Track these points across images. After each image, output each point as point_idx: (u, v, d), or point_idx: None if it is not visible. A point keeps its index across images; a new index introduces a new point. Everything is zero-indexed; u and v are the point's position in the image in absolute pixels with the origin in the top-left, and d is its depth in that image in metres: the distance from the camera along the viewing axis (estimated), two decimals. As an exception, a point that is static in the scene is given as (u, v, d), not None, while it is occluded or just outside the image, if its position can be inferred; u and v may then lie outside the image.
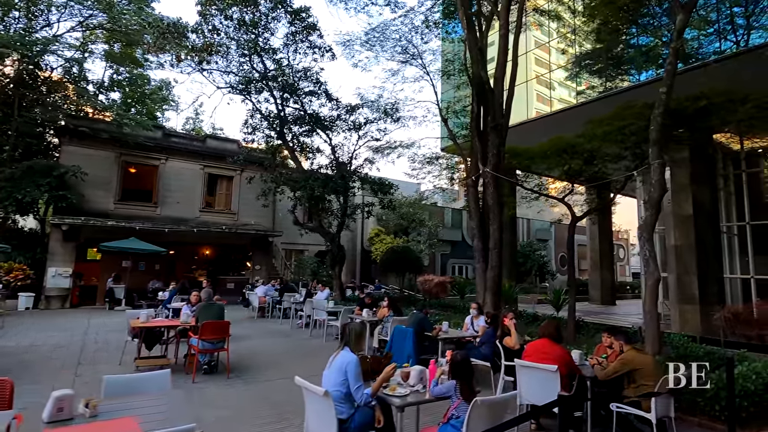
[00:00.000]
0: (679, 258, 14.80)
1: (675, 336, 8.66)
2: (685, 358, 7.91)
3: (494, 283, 8.80)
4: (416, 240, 27.08)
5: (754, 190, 17.59)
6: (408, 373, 3.54)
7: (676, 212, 15.02)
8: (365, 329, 3.46)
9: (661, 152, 6.84)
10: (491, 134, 8.91)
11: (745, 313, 10.65)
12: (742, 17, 12.55)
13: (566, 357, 4.31)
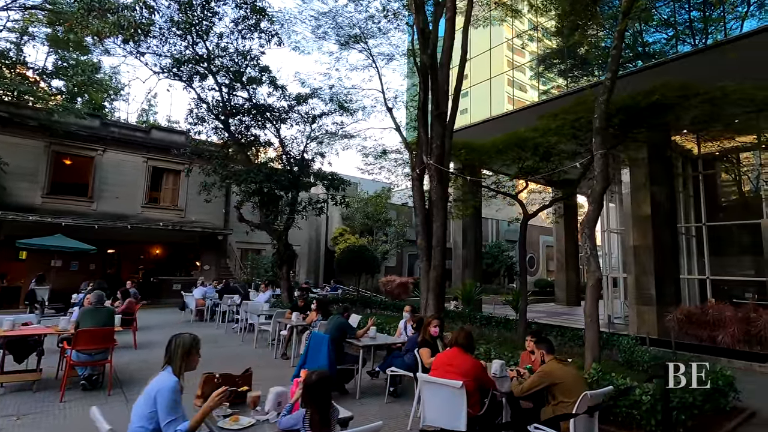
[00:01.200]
0: (638, 258, 14.62)
1: (623, 339, 8.24)
2: (630, 363, 7.49)
3: (436, 284, 8.16)
4: (382, 240, 26.41)
5: (710, 193, 17.73)
6: (257, 397, 2.81)
7: (635, 213, 14.84)
8: (197, 343, 2.69)
9: (604, 142, 6.34)
10: (434, 123, 8.28)
11: (697, 314, 10.39)
12: (699, 22, 12.41)
13: (476, 370, 3.66)
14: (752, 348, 9.81)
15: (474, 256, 21.71)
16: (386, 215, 25.86)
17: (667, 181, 14.78)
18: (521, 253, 10.50)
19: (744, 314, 9.82)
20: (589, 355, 5.79)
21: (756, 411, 5.85)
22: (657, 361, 6.73)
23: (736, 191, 17.57)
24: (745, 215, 16.04)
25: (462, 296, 17.46)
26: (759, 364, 8.15)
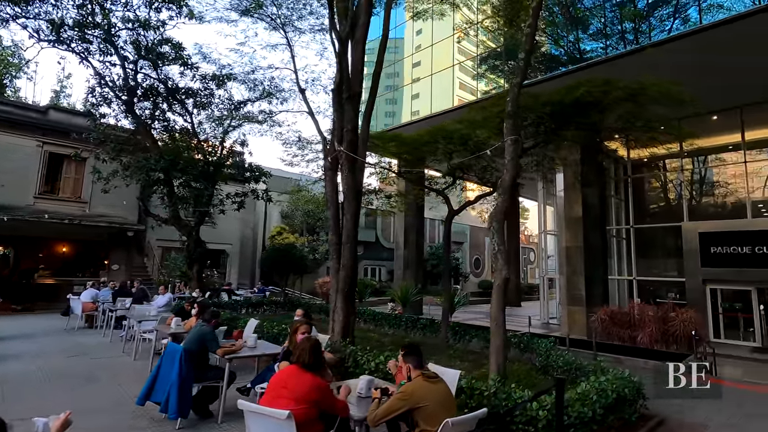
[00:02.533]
0: (569, 259, 14.66)
1: (542, 342, 7.82)
2: (546, 368, 7.05)
3: (346, 284, 7.33)
4: (324, 239, 25.35)
5: (638, 196, 18.32)
6: None
7: (567, 214, 14.89)
8: None
9: (516, 128, 5.82)
10: (346, 106, 7.47)
11: (619, 315, 10.32)
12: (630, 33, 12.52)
13: (316, 393, 2.83)
14: (669, 347, 9.83)
15: (416, 257, 21.23)
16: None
17: (598, 183, 14.96)
18: (446, 251, 9.93)
19: (662, 314, 9.81)
20: (494, 362, 5.18)
21: (664, 418, 5.50)
22: (570, 365, 6.29)
23: (662, 196, 18.22)
24: (669, 218, 16.63)
25: (399, 298, 16.85)
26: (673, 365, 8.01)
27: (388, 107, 20.90)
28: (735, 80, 12.35)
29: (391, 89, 20.38)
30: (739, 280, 13.42)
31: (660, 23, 12.35)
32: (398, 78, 20.03)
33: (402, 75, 19.89)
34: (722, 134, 15.04)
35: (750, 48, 10.79)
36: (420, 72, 18.70)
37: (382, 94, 21.18)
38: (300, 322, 4.70)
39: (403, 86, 19.56)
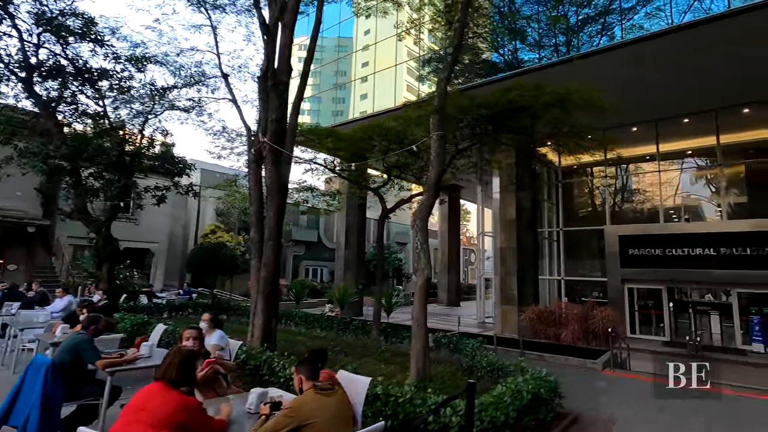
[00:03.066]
0: (503, 260, 15.08)
1: (470, 342, 7.80)
2: (472, 369, 7.00)
3: (267, 285, 6.82)
4: (263, 239, 24.29)
5: (567, 201, 19.37)
6: None
7: (502, 216, 15.31)
8: None
9: (443, 123, 5.68)
10: (271, 94, 6.98)
11: (546, 314, 10.69)
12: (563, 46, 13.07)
13: (183, 414, 2.39)
14: (589, 343, 10.29)
15: (357, 257, 20.93)
16: (267, 212, 23.77)
17: (531, 187, 15.56)
18: (379, 250, 9.68)
19: (584, 312, 10.25)
20: (414, 366, 4.97)
21: (579, 415, 5.59)
22: (493, 365, 6.26)
23: (588, 201, 19.36)
24: (594, 222, 17.70)
25: (337, 299, 16.45)
26: (591, 361, 8.38)
27: (335, 106, 20.44)
28: (650, 95, 13.36)
29: (339, 88, 19.98)
30: (652, 279, 14.52)
31: (589, 39, 13.04)
32: (346, 77, 19.66)
33: (350, 75, 19.54)
34: (641, 145, 16.21)
35: (661, 66, 11.68)
36: (368, 72, 18.47)
37: (327, 90, 20.70)
38: (186, 327, 4.12)
39: (351, 81, 19.21)
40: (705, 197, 16.40)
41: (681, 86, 12.83)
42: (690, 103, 13.92)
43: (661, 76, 12.32)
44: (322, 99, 20.87)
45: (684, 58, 11.22)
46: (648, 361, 11.14)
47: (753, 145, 15.22)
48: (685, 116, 14.78)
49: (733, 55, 10.96)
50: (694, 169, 16.66)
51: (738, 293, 13.49)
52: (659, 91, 13.13)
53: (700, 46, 10.53)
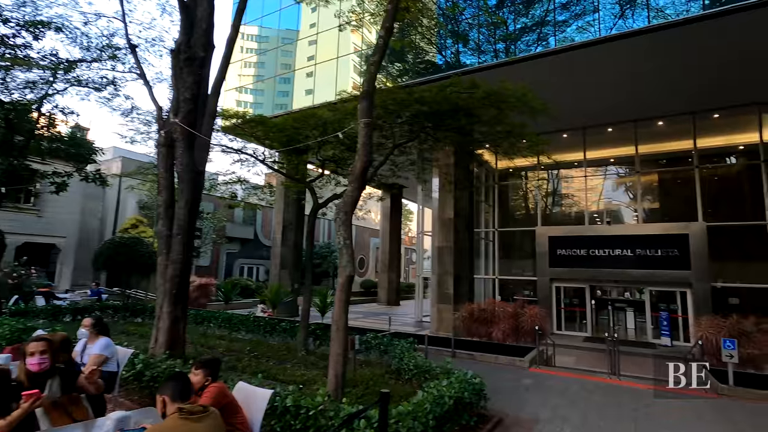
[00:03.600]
0: (440, 259, 15.13)
1: (399, 343, 7.53)
2: (400, 372, 6.72)
3: (174, 284, 6.05)
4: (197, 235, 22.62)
5: (503, 202, 20.03)
6: None
7: (440, 215, 15.37)
8: None
9: (370, 110, 5.31)
10: (184, 70, 6.21)
11: (478, 312, 10.77)
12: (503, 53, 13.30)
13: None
14: (519, 341, 10.48)
15: (294, 256, 20.11)
16: (198, 206, 22.15)
17: (469, 188, 15.79)
18: (309, 247, 9.13)
19: (513, 310, 10.42)
20: (332, 373, 4.55)
21: (503, 417, 5.49)
22: (419, 368, 6.01)
23: (522, 203, 20.13)
24: (527, 223, 18.41)
25: (269, 299, 15.60)
26: (519, 359, 8.48)
27: (280, 99, 19.51)
28: (579, 104, 14.06)
29: (283, 81, 19.13)
30: (577, 278, 15.31)
31: (527, 47, 13.41)
32: (290, 70, 18.83)
33: (293, 67, 18.74)
34: (570, 152, 17.06)
35: (588, 74, 12.30)
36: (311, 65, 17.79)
37: (267, 79, 19.66)
38: (31, 339, 3.31)
39: (294, 71, 18.39)
40: (624, 202, 17.67)
41: (604, 98, 13.63)
42: (613, 114, 14.85)
43: (586, 86, 13.01)
44: (265, 92, 19.84)
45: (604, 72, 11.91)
46: (571, 356, 11.64)
47: (665, 156, 16.62)
48: (609, 125, 15.75)
49: (638, 74, 11.85)
50: (616, 176, 17.90)
51: (650, 291, 14.60)
52: (586, 101, 13.85)
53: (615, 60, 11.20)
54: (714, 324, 7.71)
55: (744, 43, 10.14)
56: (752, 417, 5.95)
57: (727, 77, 11.91)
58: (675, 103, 13.77)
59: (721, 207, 15.40)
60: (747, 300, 14.00)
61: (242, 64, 20.58)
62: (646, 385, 7.34)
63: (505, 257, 18.55)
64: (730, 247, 14.87)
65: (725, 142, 15.65)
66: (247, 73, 20.20)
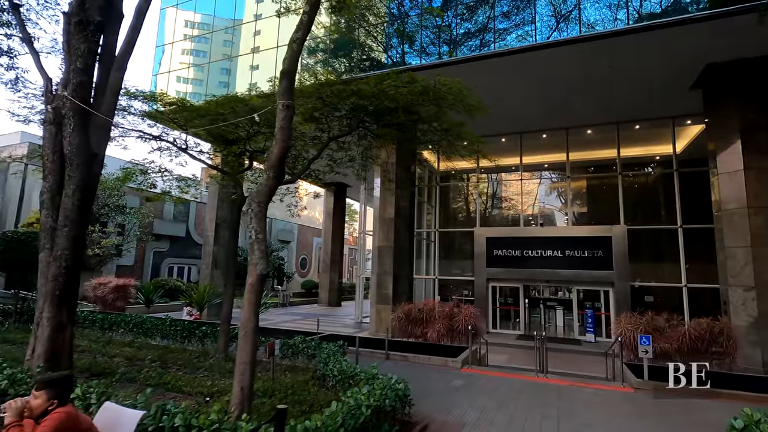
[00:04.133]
0: (380, 258, 14.87)
1: (327, 347, 7.09)
2: (324, 378, 6.28)
3: (58, 285, 5.16)
4: (113, 231, 20.58)
5: (444, 203, 20.26)
6: None
7: (381, 215, 15.12)
8: None
9: (290, 92, 4.84)
10: (76, 36, 5.34)
11: (414, 312, 10.60)
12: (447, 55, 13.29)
13: None
14: (453, 341, 10.43)
15: (228, 255, 18.85)
16: (119, 200, 20.22)
17: (411, 188, 15.69)
18: (230, 242, 8.40)
19: (448, 310, 10.36)
20: (237, 386, 4.00)
21: (429, 423, 5.24)
22: (344, 373, 5.61)
23: (463, 204, 20.47)
24: (467, 224, 18.73)
25: (196, 301, 14.45)
26: (452, 359, 8.37)
27: (222, 90, 18.27)
28: (515, 110, 14.47)
29: (224, 72, 17.96)
30: (512, 278, 15.75)
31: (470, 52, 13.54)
32: (233, 62, 17.69)
33: (236, 59, 17.66)
34: (508, 156, 17.57)
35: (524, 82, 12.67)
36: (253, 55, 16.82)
37: (203, 64, 18.32)
38: None
39: (238, 56, 17.29)
40: (556, 206, 18.53)
41: (538, 105, 14.15)
42: (547, 121, 15.47)
43: (522, 93, 13.42)
44: (206, 84, 18.50)
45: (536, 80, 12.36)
46: (505, 354, 11.85)
47: (593, 163, 17.64)
48: (543, 132, 16.39)
49: (568, 83, 12.43)
50: (549, 180, 18.74)
51: (577, 290, 15.35)
52: (521, 108, 14.30)
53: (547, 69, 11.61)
54: (632, 321, 8.08)
55: (656, 58, 10.87)
56: (661, 409, 6.22)
57: (644, 91, 12.80)
58: (601, 114, 14.60)
59: (640, 212, 16.57)
60: (660, 298, 15.16)
61: (182, 51, 19.10)
62: (570, 381, 7.49)
63: (445, 258, 18.73)
64: (646, 249, 16.05)
65: (645, 152, 16.89)
66: (186, 61, 18.74)
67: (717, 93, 11.50)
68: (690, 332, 7.54)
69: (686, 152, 15.02)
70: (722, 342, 7.52)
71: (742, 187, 10.79)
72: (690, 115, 14.20)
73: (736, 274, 10.69)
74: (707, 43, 10.17)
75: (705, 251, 14.72)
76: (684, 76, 11.74)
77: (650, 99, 13.32)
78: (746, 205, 10.67)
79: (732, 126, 11.09)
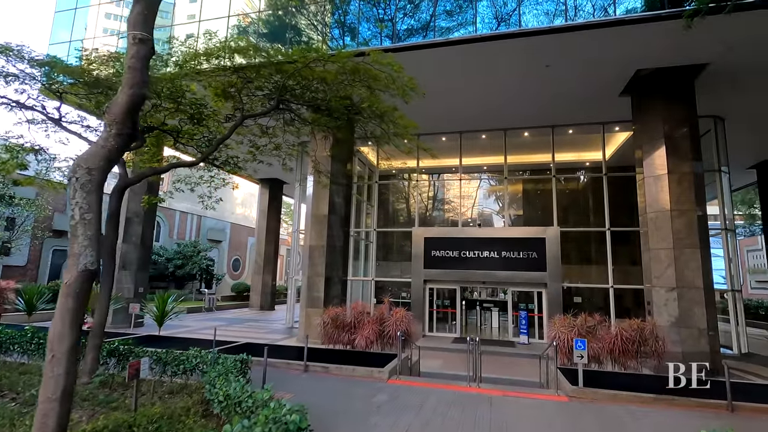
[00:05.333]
0: (312, 259, 13.73)
1: (225, 361, 5.87)
2: (209, 403, 5.08)
3: None
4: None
5: (384, 202, 19.54)
6: None
7: (314, 211, 13.99)
8: None
9: (147, 23, 3.68)
10: None
11: (341, 317, 9.61)
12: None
13: None
14: (384, 347, 9.59)
15: (141, 255, 16.71)
16: (5, 188, 17.22)
17: (347, 184, 14.71)
18: (110, 229, 6.91)
19: (379, 314, 9.50)
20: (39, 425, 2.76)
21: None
22: (229, 399, 4.46)
23: (403, 204, 19.88)
24: (406, 225, 18.13)
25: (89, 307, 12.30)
26: (378, 370, 7.48)
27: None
28: (455, 107, 14.03)
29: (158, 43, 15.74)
30: (449, 280, 15.30)
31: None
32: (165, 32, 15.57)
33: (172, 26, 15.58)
34: (448, 157, 17.21)
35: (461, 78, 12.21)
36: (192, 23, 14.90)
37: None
38: None
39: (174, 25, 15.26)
40: (494, 207, 18.52)
41: (479, 105, 13.84)
42: (485, 121, 15.23)
43: (463, 92, 12.99)
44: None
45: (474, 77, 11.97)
46: (439, 359, 11.24)
47: (529, 166, 17.81)
48: (483, 132, 16.19)
49: (503, 84, 12.23)
50: (487, 181, 18.68)
51: (512, 292, 15.24)
52: (464, 106, 13.88)
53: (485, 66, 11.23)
54: (566, 323, 7.70)
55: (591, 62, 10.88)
56: (599, 419, 5.76)
57: (578, 97, 12.93)
58: (538, 117, 14.61)
59: (572, 215, 16.95)
60: (587, 298, 15.52)
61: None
62: (503, 391, 6.90)
63: (385, 259, 17.98)
64: (576, 251, 16.41)
65: (577, 158, 17.32)
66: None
67: (644, 100, 11.78)
68: (622, 334, 7.28)
69: (614, 158, 15.51)
70: (651, 343, 7.34)
71: (666, 190, 11.04)
72: (618, 122, 14.63)
73: (659, 275, 10.90)
74: (637, 50, 10.28)
75: (630, 254, 15.28)
76: (615, 82, 11.94)
77: (583, 104, 13.49)
78: (669, 208, 10.92)
79: (657, 132, 11.36)
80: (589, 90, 12.51)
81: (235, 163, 9.67)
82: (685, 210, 10.82)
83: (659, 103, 11.46)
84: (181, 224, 28.41)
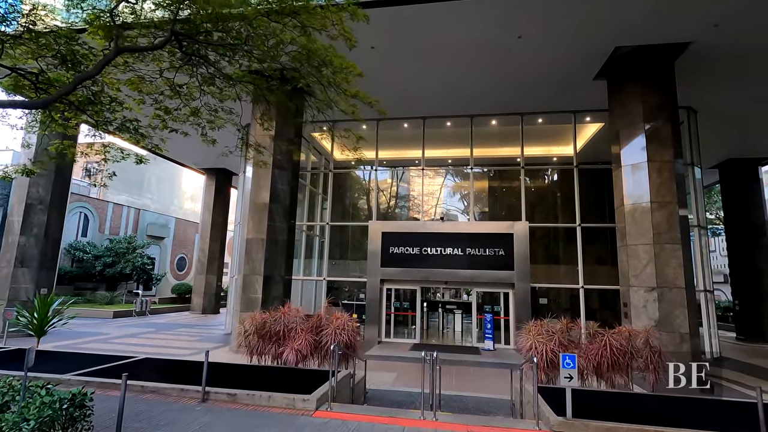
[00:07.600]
0: (249, 255, 11.69)
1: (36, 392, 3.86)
2: None
3: None
4: None
5: (338, 194, 17.68)
6: None
7: (254, 199, 11.95)
8: None
9: None
10: None
11: (269, 324, 7.68)
12: None
13: None
14: (322, 363, 7.76)
15: (46, 249, 13.99)
16: None
17: (294, 170, 12.76)
18: None
19: (315, 321, 7.66)
20: None
21: None
22: None
23: (360, 196, 18.13)
24: (363, 219, 16.38)
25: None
26: (304, 397, 5.65)
27: None
28: (418, 85, 12.42)
29: None
30: (409, 279, 13.65)
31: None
32: None
33: None
34: (411, 148, 15.63)
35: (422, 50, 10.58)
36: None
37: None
38: None
39: None
40: (458, 202, 17.11)
41: (444, 87, 12.33)
42: (450, 106, 13.74)
43: (426, 72, 11.40)
44: None
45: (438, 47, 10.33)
46: (393, 371, 9.57)
47: (497, 160, 16.50)
48: (447, 118, 14.71)
49: (471, 61, 10.70)
50: (452, 175, 17.25)
51: (477, 292, 13.81)
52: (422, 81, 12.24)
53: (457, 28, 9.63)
54: (543, 330, 6.19)
55: (566, 33, 9.56)
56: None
57: (550, 79, 11.70)
58: (507, 103, 13.28)
59: (540, 209, 15.81)
60: (553, 300, 14.38)
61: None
62: (466, 425, 5.25)
63: (340, 257, 16.11)
64: (544, 249, 15.26)
65: (547, 151, 16.19)
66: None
67: (623, 83, 10.64)
68: (611, 344, 5.84)
69: (586, 152, 14.37)
70: (646, 354, 5.95)
71: (646, 180, 9.91)
72: (590, 111, 13.56)
73: (637, 273, 9.73)
74: (622, 15, 9.02)
75: (602, 252, 14.28)
76: (591, 62, 10.75)
77: (555, 89, 12.26)
78: (649, 200, 9.79)
79: (636, 117, 10.24)
80: (563, 71, 11.26)
81: (135, 129, 7.55)
82: (666, 202, 9.71)
83: (638, 86, 10.35)
84: (115, 218, 25.30)
